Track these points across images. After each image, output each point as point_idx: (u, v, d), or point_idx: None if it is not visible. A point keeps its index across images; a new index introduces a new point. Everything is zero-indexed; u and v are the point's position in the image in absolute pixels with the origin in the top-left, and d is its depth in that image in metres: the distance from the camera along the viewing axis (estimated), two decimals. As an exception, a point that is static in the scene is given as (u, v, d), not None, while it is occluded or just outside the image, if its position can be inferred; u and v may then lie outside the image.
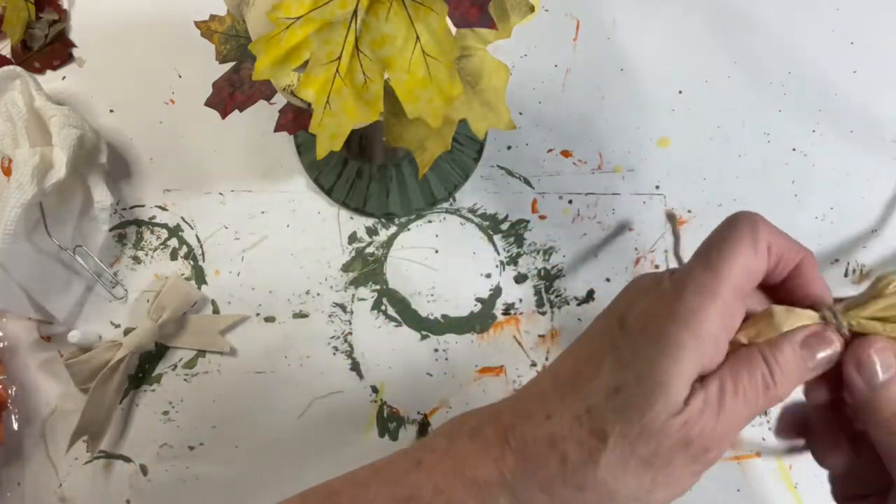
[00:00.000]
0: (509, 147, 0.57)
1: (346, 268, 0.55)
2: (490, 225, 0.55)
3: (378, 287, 0.54)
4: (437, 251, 0.55)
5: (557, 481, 0.28)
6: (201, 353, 0.53)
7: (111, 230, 0.55)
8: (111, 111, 0.58)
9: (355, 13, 0.34)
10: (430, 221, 0.55)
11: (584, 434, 0.28)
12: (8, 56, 0.59)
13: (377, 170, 0.55)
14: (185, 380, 0.53)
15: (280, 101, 0.46)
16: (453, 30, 0.35)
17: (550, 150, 0.57)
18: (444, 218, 0.55)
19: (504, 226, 0.55)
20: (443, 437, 0.32)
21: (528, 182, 0.56)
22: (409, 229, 0.55)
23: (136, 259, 0.55)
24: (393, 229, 0.55)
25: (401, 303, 0.54)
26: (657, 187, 0.56)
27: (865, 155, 0.56)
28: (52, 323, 0.53)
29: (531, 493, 0.28)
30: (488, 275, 0.54)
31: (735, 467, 0.51)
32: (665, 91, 0.58)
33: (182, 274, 0.55)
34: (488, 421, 0.32)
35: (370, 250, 0.55)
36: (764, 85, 0.58)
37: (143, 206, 0.56)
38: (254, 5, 0.37)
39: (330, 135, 0.36)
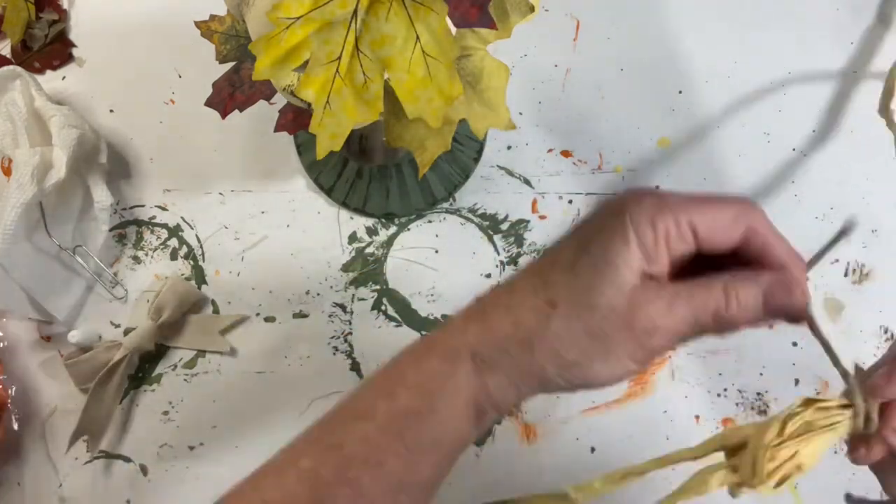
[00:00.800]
0: (509, 147, 0.57)
1: (346, 268, 0.55)
2: (490, 225, 0.55)
3: (378, 287, 0.54)
4: (437, 251, 0.55)
5: (513, 343, 0.31)
6: (201, 353, 0.53)
7: (111, 230, 0.55)
8: (111, 111, 0.58)
9: (355, 13, 0.34)
10: (430, 221, 0.55)
11: (539, 302, 0.31)
12: (8, 56, 0.59)
13: (377, 170, 0.55)
14: (185, 380, 0.53)
15: (280, 101, 0.46)
16: (453, 30, 0.35)
17: (550, 150, 0.57)
18: (444, 218, 0.55)
19: (504, 226, 0.55)
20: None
21: (528, 182, 0.56)
22: (409, 229, 0.55)
23: (136, 259, 0.55)
24: (393, 229, 0.55)
25: (401, 303, 0.54)
26: (657, 187, 0.56)
27: (865, 155, 0.56)
28: (52, 323, 0.53)
29: (490, 353, 0.32)
30: (488, 275, 0.54)
31: (735, 467, 0.51)
32: (665, 91, 0.58)
33: (182, 274, 0.55)
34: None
35: (370, 250, 0.55)
36: (764, 85, 0.58)
37: (143, 206, 0.56)
38: (254, 5, 0.37)
39: (330, 135, 0.36)
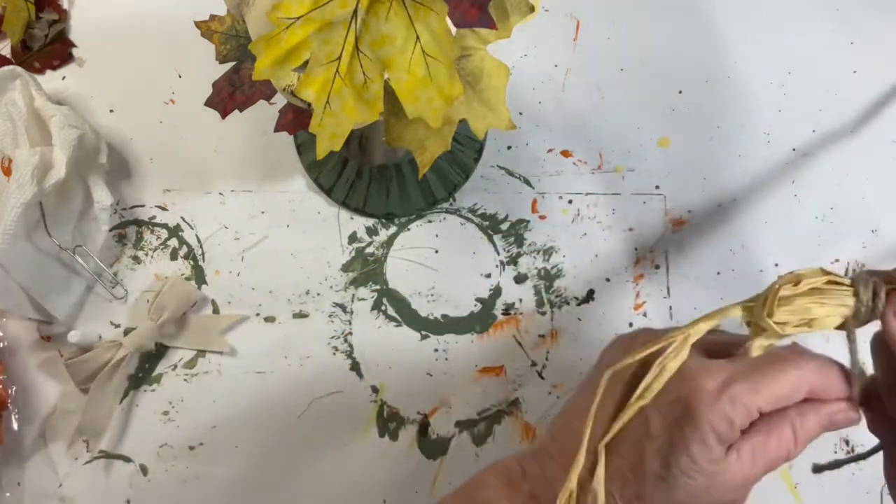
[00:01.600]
0: (509, 147, 0.57)
1: (346, 268, 0.55)
2: (490, 225, 0.55)
3: (378, 287, 0.54)
4: (437, 251, 0.55)
5: None
6: (201, 353, 0.53)
7: (111, 230, 0.55)
8: (111, 111, 0.58)
9: (355, 13, 0.34)
10: (430, 221, 0.55)
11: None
12: (8, 56, 0.59)
13: (377, 170, 0.55)
14: (185, 380, 0.53)
15: (280, 101, 0.46)
16: (453, 30, 0.35)
17: (550, 150, 0.57)
18: (444, 218, 0.55)
19: (504, 226, 0.55)
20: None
21: (528, 182, 0.56)
22: (409, 229, 0.55)
23: (136, 259, 0.55)
24: (393, 229, 0.55)
25: (401, 303, 0.54)
26: (657, 187, 0.56)
27: (865, 155, 0.56)
28: (52, 323, 0.53)
29: None
30: (488, 275, 0.54)
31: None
32: (665, 91, 0.58)
33: (182, 274, 0.55)
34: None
35: (370, 250, 0.55)
36: (764, 85, 0.58)
37: (143, 206, 0.56)
38: (254, 5, 0.37)
39: (330, 135, 0.36)
